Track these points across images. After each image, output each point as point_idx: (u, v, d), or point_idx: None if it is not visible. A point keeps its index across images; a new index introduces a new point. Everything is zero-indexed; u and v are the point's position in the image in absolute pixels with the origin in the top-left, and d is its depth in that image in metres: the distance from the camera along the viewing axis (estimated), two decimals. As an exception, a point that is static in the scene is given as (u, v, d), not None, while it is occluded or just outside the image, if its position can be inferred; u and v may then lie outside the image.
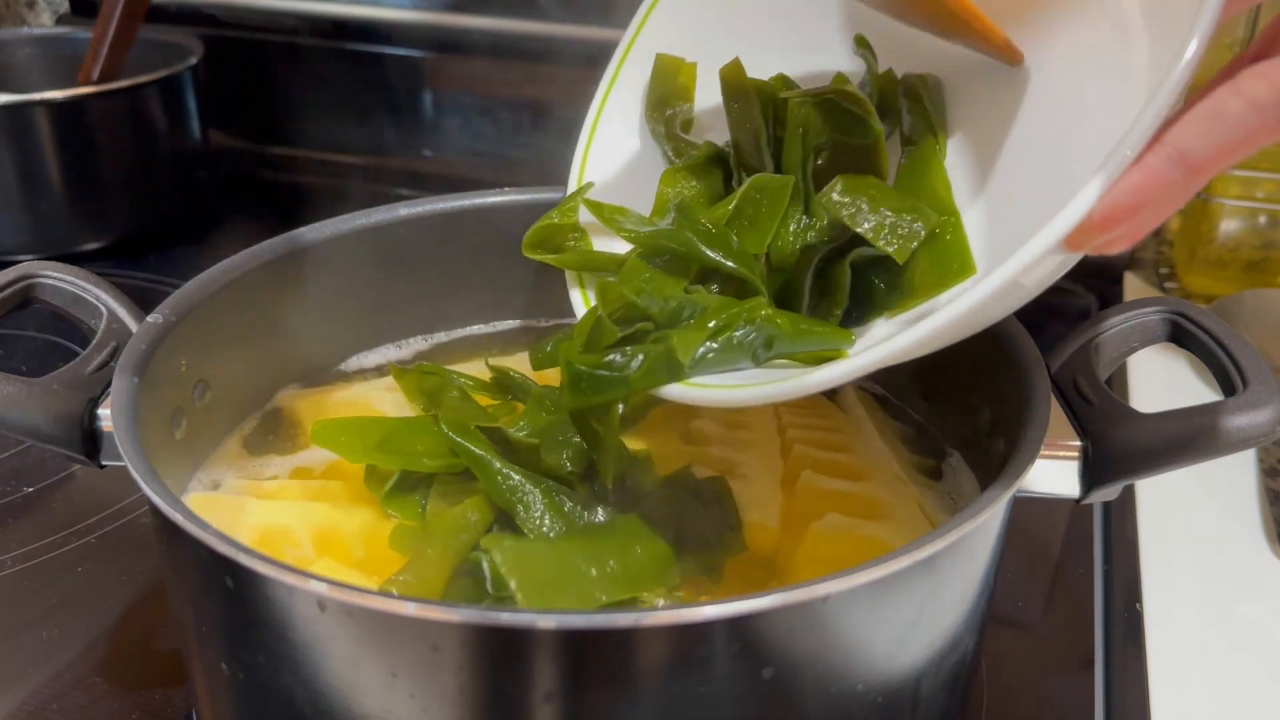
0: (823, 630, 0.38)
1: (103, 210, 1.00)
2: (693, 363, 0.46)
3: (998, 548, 0.45)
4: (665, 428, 0.57)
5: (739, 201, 0.51)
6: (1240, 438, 0.46)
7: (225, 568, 0.38)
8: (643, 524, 0.46)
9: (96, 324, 0.52)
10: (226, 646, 0.42)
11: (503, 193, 0.65)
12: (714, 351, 0.46)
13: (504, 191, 0.65)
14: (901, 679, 0.42)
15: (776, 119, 0.53)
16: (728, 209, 0.51)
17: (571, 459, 0.49)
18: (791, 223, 0.51)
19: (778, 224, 0.51)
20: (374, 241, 0.62)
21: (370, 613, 0.36)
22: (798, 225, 0.51)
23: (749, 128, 0.53)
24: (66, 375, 0.49)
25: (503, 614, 0.36)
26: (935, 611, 0.42)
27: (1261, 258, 0.96)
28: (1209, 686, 0.57)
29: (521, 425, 0.51)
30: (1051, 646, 0.59)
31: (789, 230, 0.51)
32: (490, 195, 0.65)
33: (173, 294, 0.53)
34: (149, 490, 0.41)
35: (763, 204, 0.51)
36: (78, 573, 0.62)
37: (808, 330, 0.47)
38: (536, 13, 1.05)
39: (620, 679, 0.37)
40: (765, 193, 0.51)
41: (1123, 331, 0.53)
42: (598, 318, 0.48)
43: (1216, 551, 0.67)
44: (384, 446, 0.51)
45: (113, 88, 0.96)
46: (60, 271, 0.53)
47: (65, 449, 0.48)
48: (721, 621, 0.36)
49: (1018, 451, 0.44)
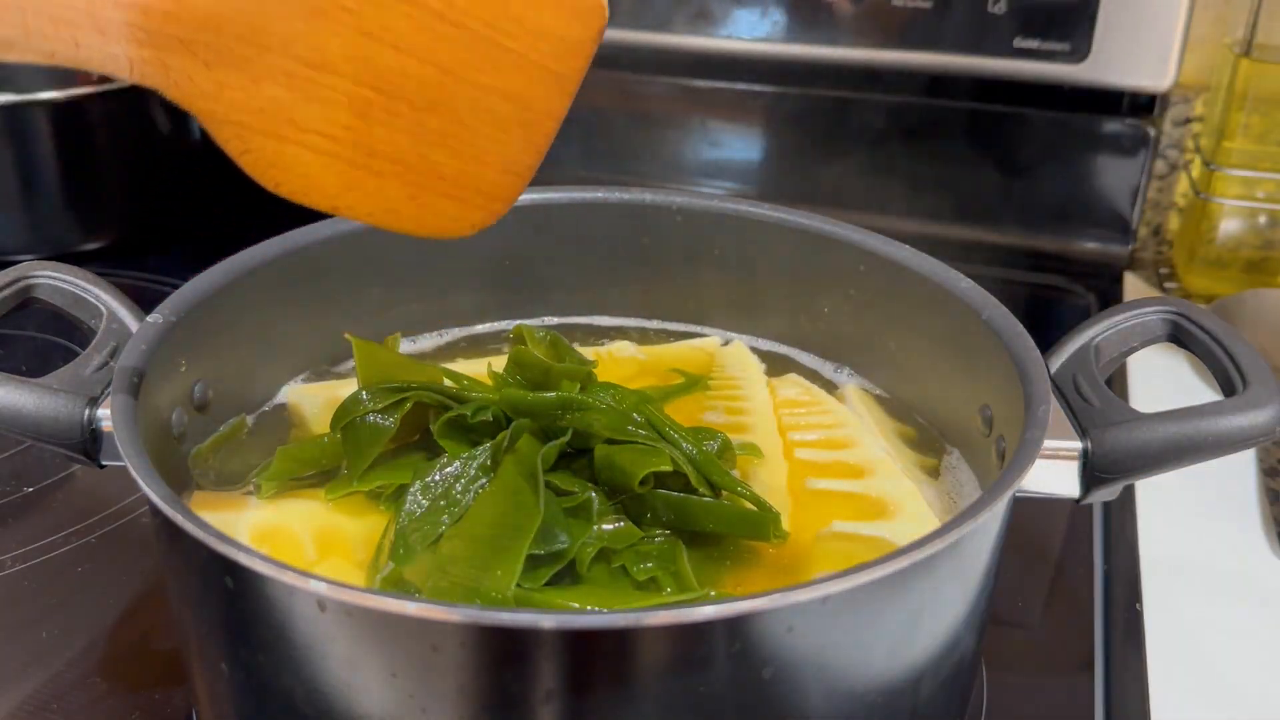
0: (823, 630, 0.38)
1: (103, 210, 1.00)
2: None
3: (997, 548, 0.45)
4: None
5: None
6: (1240, 438, 0.46)
7: (225, 568, 0.38)
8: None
9: (96, 324, 0.52)
10: (226, 646, 0.42)
11: None
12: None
13: None
14: (901, 679, 0.42)
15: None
16: None
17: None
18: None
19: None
20: (373, 242, 0.62)
21: (370, 613, 0.36)
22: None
23: None
24: (66, 375, 0.49)
25: (503, 613, 0.36)
26: (935, 611, 0.42)
27: (1261, 258, 0.96)
28: (1209, 686, 0.57)
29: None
30: (1051, 646, 0.59)
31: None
32: None
33: (172, 294, 0.53)
34: (149, 490, 0.41)
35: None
36: (78, 573, 0.62)
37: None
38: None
39: (620, 678, 0.37)
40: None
41: (1123, 331, 0.53)
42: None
43: (1216, 551, 0.67)
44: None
45: (113, 88, 0.96)
46: (60, 271, 0.53)
47: (65, 449, 0.48)
48: (721, 621, 0.36)
49: (1018, 452, 0.44)
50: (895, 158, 1.03)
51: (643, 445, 0.49)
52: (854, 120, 1.03)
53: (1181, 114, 1.02)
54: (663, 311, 0.69)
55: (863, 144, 1.03)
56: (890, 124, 1.03)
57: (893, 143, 1.02)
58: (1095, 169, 1.00)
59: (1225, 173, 0.94)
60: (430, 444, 0.52)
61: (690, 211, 0.65)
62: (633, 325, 0.69)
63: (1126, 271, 1.00)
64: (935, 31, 0.95)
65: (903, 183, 1.03)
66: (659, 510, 0.48)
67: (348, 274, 0.62)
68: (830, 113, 1.04)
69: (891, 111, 1.02)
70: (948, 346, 0.57)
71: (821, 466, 0.56)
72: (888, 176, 1.03)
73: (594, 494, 0.48)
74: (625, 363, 0.65)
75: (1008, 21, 0.94)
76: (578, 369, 0.54)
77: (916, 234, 0.89)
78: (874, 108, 1.03)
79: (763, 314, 0.67)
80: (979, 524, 0.40)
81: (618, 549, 0.47)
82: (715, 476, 0.50)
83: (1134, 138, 0.98)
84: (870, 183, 1.03)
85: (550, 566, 0.45)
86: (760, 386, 0.62)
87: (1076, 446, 0.48)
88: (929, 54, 0.96)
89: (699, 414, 0.59)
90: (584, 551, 0.46)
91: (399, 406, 0.51)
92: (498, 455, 0.49)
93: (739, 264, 0.66)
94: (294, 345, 0.62)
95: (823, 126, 1.04)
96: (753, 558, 0.49)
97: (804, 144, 1.05)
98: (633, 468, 0.47)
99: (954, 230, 1.04)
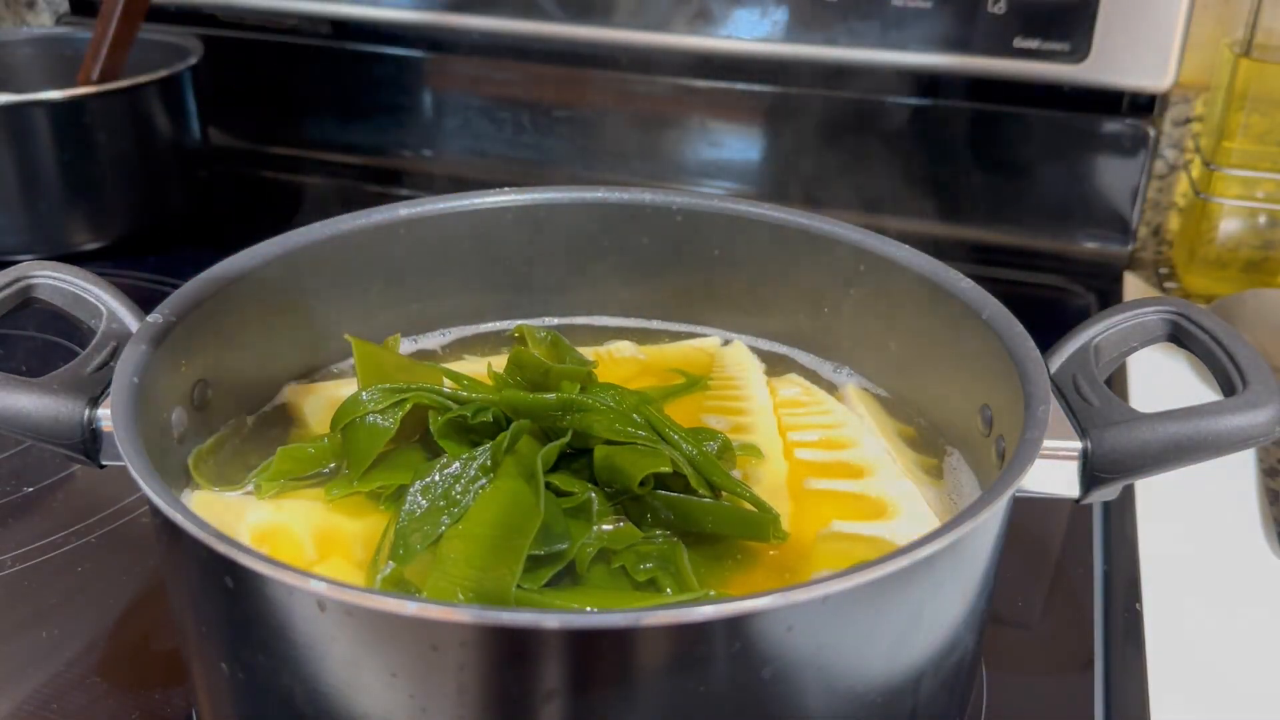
0: (823, 630, 0.38)
1: (103, 210, 1.00)
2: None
3: (998, 548, 0.45)
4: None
5: None
6: (1240, 437, 0.46)
7: (225, 568, 0.38)
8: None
9: (96, 324, 0.52)
10: (226, 646, 0.42)
11: (502, 192, 0.65)
12: None
13: (503, 191, 0.65)
14: (902, 679, 0.42)
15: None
16: None
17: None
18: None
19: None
20: (373, 241, 0.62)
21: (370, 612, 0.36)
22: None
23: None
24: (66, 375, 0.49)
25: (503, 613, 0.36)
26: (935, 611, 0.42)
27: (1261, 258, 0.96)
28: (1209, 686, 0.57)
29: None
30: (1051, 646, 0.59)
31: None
32: (490, 195, 0.65)
33: (172, 294, 0.53)
34: (149, 490, 0.41)
35: None
36: (78, 573, 0.62)
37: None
38: (536, 13, 1.05)
39: (620, 678, 0.37)
40: None
41: (1122, 331, 0.53)
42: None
43: (1216, 551, 0.67)
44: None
45: (112, 88, 0.96)
46: (60, 271, 0.53)
47: (65, 449, 0.48)
48: (721, 621, 0.36)
49: (1018, 452, 0.44)
50: (895, 158, 1.03)
51: (642, 446, 0.49)
52: (854, 120, 1.03)
53: (1181, 114, 1.02)
54: (663, 311, 0.69)
55: (862, 144, 1.03)
56: (890, 124, 1.03)
57: (893, 142, 1.02)
58: (1095, 169, 1.00)
59: (1225, 173, 0.94)
60: (430, 444, 0.52)
61: (690, 211, 0.65)
62: (633, 325, 0.69)
63: (1126, 271, 1.01)
64: (935, 31, 0.95)
65: (903, 183, 1.03)
66: (659, 511, 0.48)
67: (348, 274, 0.62)
68: (830, 113, 1.04)
69: (891, 111, 1.03)
70: (947, 346, 0.57)
71: (821, 467, 0.56)
72: (888, 176, 1.03)
73: (594, 494, 0.48)
74: (625, 363, 0.65)
75: (1008, 21, 0.94)
76: (577, 370, 0.54)
77: (917, 234, 0.90)
78: (874, 107, 1.03)
79: (762, 314, 0.67)
80: (979, 523, 0.40)
81: (617, 549, 0.47)
82: (715, 478, 0.50)
83: (1134, 138, 0.98)
84: (870, 183, 1.03)
85: (550, 567, 0.45)
86: (760, 386, 0.62)
87: (1076, 446, 0.48)
88: (929, 54, 0.96)
89: (699, 414, 0.59)
90: (583, 552, 0.46)
91: (399, 407, 0.51)
92: (498, 456, 0.49)
93: (739, 264, 0.66)
94: (294, 345, 0.62)
95: (822, 126, 1.04)
96: (753, 558, 0.49)
97: (803, 144, 1.05)
98: (632, 469, 0.48)
99: (954, 230, 1.04)
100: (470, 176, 1.15)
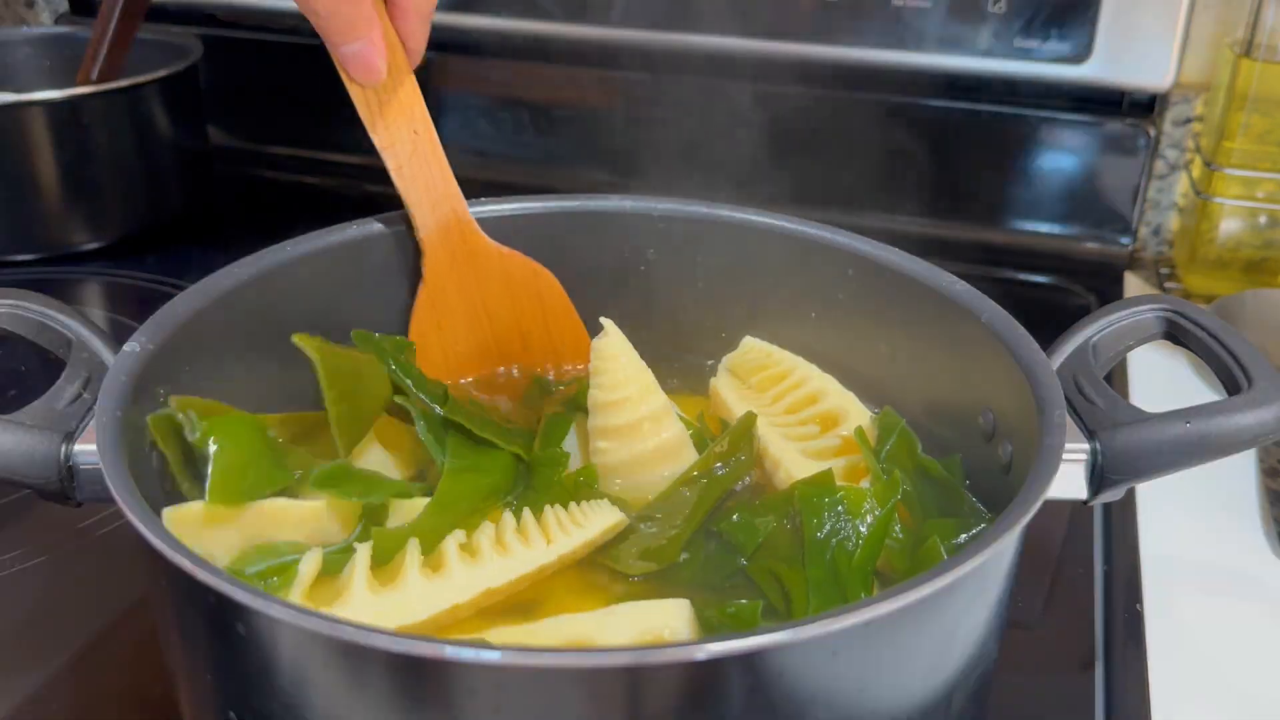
0: (865, 653, 0.37)
1: (103, 210, 1.00)
2: None
3: (1019, 553, 0.45)
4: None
5: None
6: (1251, 435, 0.46)
7: (236, 614, 0.36)
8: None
9: (64, 353, 0.49)
10: (234, 699, 0.39)
11: (482, 203, 0.63)
12: None
13: (482, 202, 0.63)
14: (936, 695, 0.41)
15: None
16: None
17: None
18: None
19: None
20: (355, 256, 0.60)
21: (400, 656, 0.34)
22: None
23: None
24: (39, 410, 0.46)
25: (530, 653, 0.34)
26: (969, 623, 0.41)
27: (1261, 258, 0.96)
28: (1209, 686, 0.57)
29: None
30: (1051, 646, 0.59)
31: None
32: (478, 204, 0.63)
33: (148, 320, 0.50)
34: (152, 536, 0.37)
35: None
36: (77, 573, 0.62)
37: None
38: (536, 13, 1.05)
39: (682, 710, 0.36)
40: None
41: (1118, 330, 0.53)
42: None
43: (1216, 551, 0.67)
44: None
45: (112, 88, 0.96)
46: (22, 299, 0.50)
47: (39, 487, 0.45)
48: (769, 649, 0.35)
49: (1040, 460, 0.43)
50: (895, 157, 1.03)
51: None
52: (853, 120, 1.03)
53: (1182, 114, 1.02)
54: (647, 320, 0.64)
55: (861, 144, 1.03)
56: (890, 124, 1.03)
57: (893, 142, 1.02)
58: (1095, 169, 1.00)
59: (1225, 172, 0.94)
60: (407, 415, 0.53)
61: (672, 218, 0.64)
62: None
63: (1126, 271, 1.00)
64: (935, 31, 0.95)
65: (903, 183, 1.03)
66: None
67: (329, 291, 0.59)
68: (828, 113, 1.04)
69: (891, 111, 1.02)
70: (943, 350, 0.56)
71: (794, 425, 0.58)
72: (888, 176, 1.03)
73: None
74: None
75: (1008, 21, 0.94)
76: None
77: (917, 234, 0.89)
78: (874, 107, 1.03)
79: (751, 320, 0.65)
80: (1016, 534, 0.40)
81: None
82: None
83: (1134, 138, 0.98)
84: (870, 183, 1.03)
85: None
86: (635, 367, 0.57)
87: (1085, 448, 0.48)
88: (929, 54, 0.96)
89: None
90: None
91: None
92: None
93: (724, 270, 0.64)
94: (277, 366, 0.55)
95: (821, 126, 1.04)
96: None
97: (802, 144, 1.05)
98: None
99: (954, 230, 1.04)
100: (470, 176, 1.15)
